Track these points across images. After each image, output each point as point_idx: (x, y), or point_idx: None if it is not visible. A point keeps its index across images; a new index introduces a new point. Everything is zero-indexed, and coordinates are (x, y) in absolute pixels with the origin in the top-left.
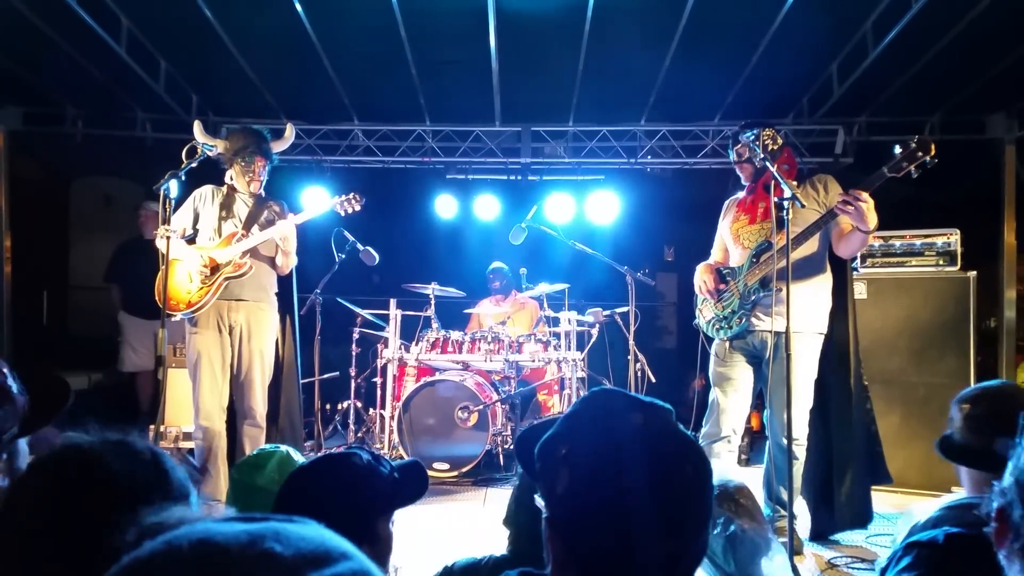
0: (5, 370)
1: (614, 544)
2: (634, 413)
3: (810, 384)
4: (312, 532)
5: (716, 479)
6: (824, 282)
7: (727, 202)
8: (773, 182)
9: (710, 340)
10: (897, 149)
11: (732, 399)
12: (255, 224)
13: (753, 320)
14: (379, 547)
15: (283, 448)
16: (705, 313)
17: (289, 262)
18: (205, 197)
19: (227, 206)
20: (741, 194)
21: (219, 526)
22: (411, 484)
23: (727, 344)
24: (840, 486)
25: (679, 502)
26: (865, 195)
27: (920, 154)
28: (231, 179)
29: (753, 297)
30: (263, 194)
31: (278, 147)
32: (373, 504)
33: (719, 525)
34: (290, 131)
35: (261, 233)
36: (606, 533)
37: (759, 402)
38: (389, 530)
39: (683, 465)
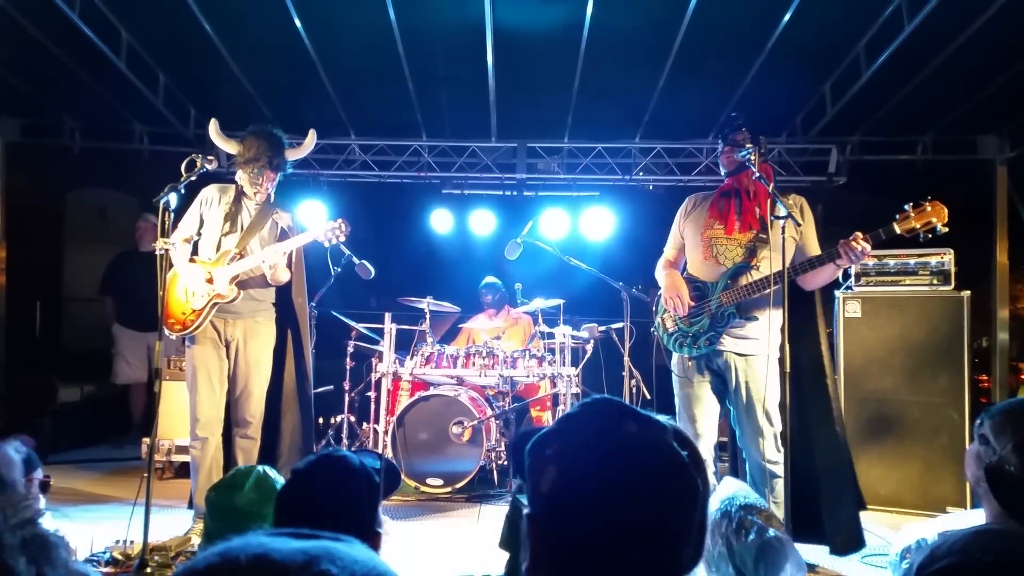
0: None
1: (593, 545)
2: (628, 422)
3: (778, 404)
4: (363, 555)
5: (734, 490)
6: (780, 303)
7: (692, 199)
8: (753, 189)
9: (668, 352)
10: (908, 207)
11: (704, 422)
12: (255, 236)
13: (721, 339)
14: (379, 539)
15: (259, 467)
16: (667, 324)
17: (280, 277)
18: (211, 200)
19: (232, 215)
20: (710, 195)
21: (274, 542)
22: (389, 477)
23: (690, 362)
24: (829, 510)
25: (661, 514)
26: (870, 248)
27: (934, 220)
28: (240, 180)
29: (726, 321)
30: (272, 197)
31: (294, 155)
32: (373, 502)
33: (752, 533)
34: (311, 138)
35: (250, 258)
36: (587, 533)
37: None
38: (381, 520)
39: (672, 479)
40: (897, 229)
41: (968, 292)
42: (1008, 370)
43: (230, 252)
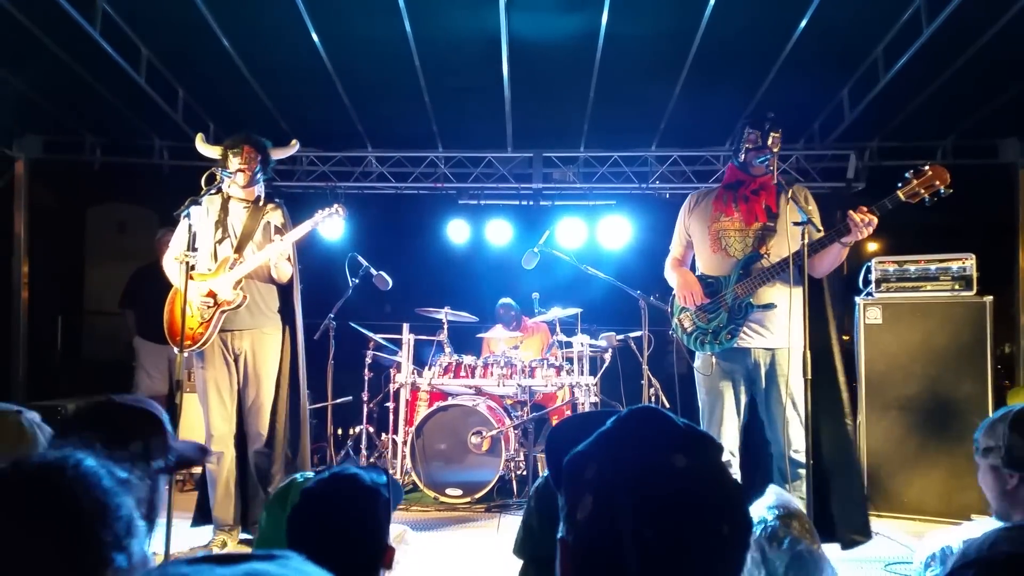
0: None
1: None
2: (677, 455)
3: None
4: (296, 575)
5: (776, 499)
6: (801, 292)
7: (694, 196)
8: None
9: (691, 353)
10: (909, 175)
11: (728, 419)
12: (250, 241)
13: (743, 333)
14: (393, 553)
15: (300, 479)
16: (685, 324)
17: (284, 273)
18: (199, 211)
19: (222, 222)
20: (714, 190)
21: (196, 572)
22: (394, 492)
23: (714, 359)
24: (839, 504)
25: (706, 562)
26: (875, 219)
27: (937, 183)
28: (227, 186)
29: (744, 313)
30: (260, 195)
31: (279, 154)
32: (385, 518)
33: (785, 543)
34: (293, 144)
35: (251, 259)
36: (617, 568)
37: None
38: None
39: (719, 523)
40: (901, 196)
41: (991, 297)
42: None
43: (229, 259)
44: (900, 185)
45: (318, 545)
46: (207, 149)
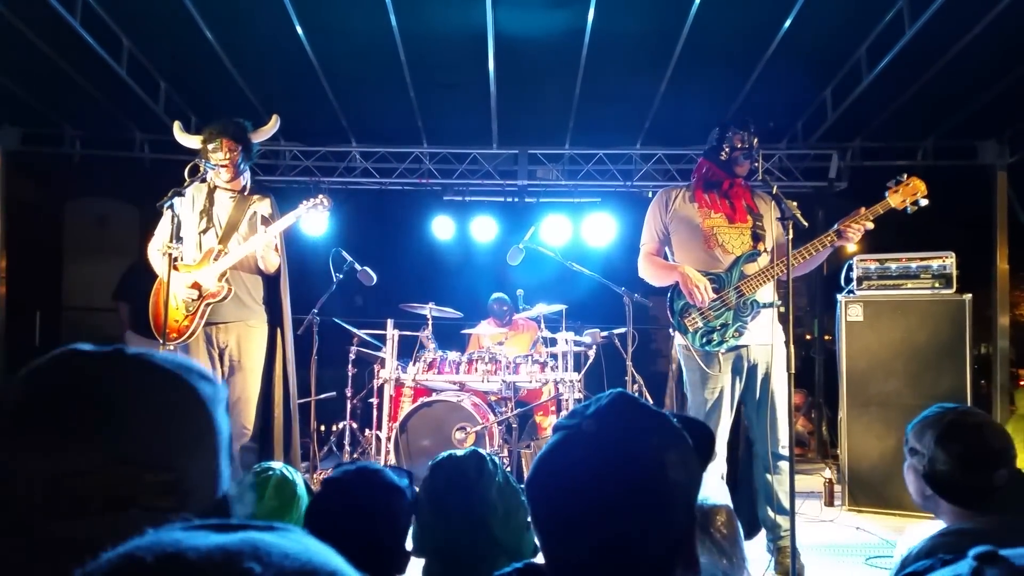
0: None
1: (582, 564)
2: (587, 420)
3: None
4: (296, 546)
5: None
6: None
7: (667, 193)
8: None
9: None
10: (892, 184)
11: (725, 418)
12: (235, 232)
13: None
14: (408, 559)
15: (277, 468)
16: (694, 321)
17: (271, 263)
18: (184, 200)
19: (207, 211)
20: (688, 186)
21: (190, 538)
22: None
23: (720, 357)
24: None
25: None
26: (871, 224)
27: (916, 194)
28: (212, 177)
29: (750, 310)
30: (246, 183)
31: (259, 136)
32: (406, 522)
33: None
34: (274, 121)
35: (236, 251)
36: (573, 556)
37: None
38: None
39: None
40: (892, 204)
41: (970, 295)
42: (1008, 377)
43: (214, 250)
44: (886, 194)
45: (334, 536)
46: (186, 138)
